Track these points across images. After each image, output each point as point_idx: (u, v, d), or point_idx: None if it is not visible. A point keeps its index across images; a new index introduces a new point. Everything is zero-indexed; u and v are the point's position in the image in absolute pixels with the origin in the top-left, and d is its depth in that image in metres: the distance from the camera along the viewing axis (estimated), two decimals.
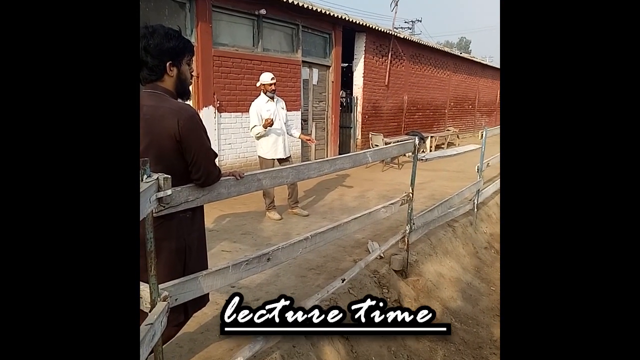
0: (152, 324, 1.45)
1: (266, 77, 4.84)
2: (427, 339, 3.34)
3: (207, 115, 5.87)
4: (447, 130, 13.58)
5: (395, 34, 10.14)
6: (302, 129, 7.68)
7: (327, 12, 7.55)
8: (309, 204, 5.79)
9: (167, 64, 1.78)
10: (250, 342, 2.19)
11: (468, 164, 7.14)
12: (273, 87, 4.84)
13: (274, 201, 5.01)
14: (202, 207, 1.90)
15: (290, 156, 5.05)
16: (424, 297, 3.72)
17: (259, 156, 4.96)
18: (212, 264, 2.03)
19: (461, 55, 14.88)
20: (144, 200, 1.43)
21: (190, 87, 1.97)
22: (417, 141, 3.52)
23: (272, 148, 4.86)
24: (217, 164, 1.85)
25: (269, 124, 4.66)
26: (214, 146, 5.92)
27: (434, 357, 3.15)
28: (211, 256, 1.98)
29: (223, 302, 2.82)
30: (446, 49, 13.78)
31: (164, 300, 1.60)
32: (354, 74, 9.50)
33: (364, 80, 9.40)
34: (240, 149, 6.50)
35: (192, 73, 1.94)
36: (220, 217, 4.93)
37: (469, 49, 62.56)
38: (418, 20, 32.80)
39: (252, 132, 4.81)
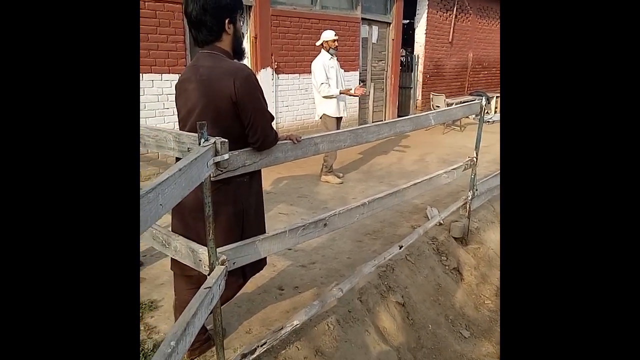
0: (210, 287, 1.47)
1: (329, 34, 4.72)
2: (487, 308, 3.24)
3: (265, 77, 5.83)
4: None
5: None
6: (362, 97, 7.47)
7: None
8: (365, 167, 5.69)
9: (226, 21, 1.72)
10: (307, 305, 2.20)
11: None
12: (336, 43, 4.74)
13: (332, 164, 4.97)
14: (259, 171, 1.87)
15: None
16: (484, 266, 3.59)
17: (324, 114, 4.80)
18: (270, 227, 2.03)
19: None
20: (201, 165, 1.41)
21: (247, 48, 1.91)
22: (483, 102, 3.29)
23: (337, 106, 4.78)
24: (275, 127, 1.81)
25: (359, 93, 4.67)
26: (272, 108, 5.91)
27: (495, 327, 3.05)
28: (268, 218, 1.98)
29: (281, 265, 2.89)
30: None
31: (222, 264, 1.62)
32: (416, 30, 9.03)
33: (426, 37, 8.92)
34: (297, 111, 6.45)
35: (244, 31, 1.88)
36: (278, 180, 4.97)
37: None
38: None
39: (322, 90, 4.65)
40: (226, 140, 1.53)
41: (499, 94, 10.86)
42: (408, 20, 9.31)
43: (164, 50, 4.71)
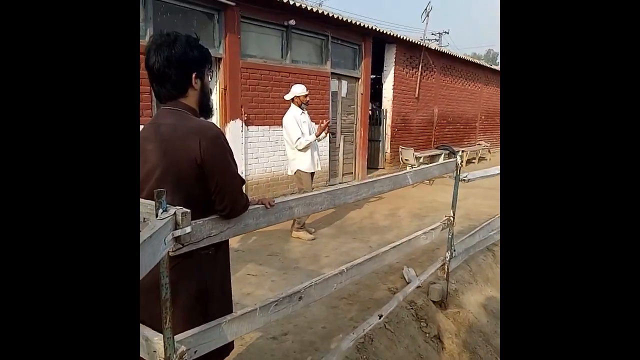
0: None
1: (300, 89, 4.63)
2: None
3: (234, 129, 5.69)
4: (479, 144, 13.14)
5: (426, 45, 9.84)
6: (329, 142, 7.43)
7: (357, 23, 7.33)
8: (338, 222, 5.51)
9: (193, 75, 1.55)
10: None
11: None
12: (307, 98, 4.65)
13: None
14: (226, 242, 1.65)
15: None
16: (465, 332, 3.38)
17: (298, 170, 4.64)
18: (237, 290, 1.78)
19: (491, 67, 14.43)
20: (157, 242, 1.19)
21: (216, 99, 1.74)
22: (459, 160, 3.22)
23: (311, 161, 4.63)
24: (244, 183, 1.60)
25: (326, 128, 4.59)
26: (241, 161, 5.74)
27: None
28: (236, 280, 1.74)
29: (249, 338, 2.59)
30: (477, 61, 13.38)
31: (181, 358, 1.35)
32: (384, 86, 9.23)
33: (393, 92, 9.11)
34: (267, 163, 6.29)
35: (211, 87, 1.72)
36: (246, 236, 4.70)
37: (497, 61, 61.56)
38: (445, 32, 32.22)
39: (299, 143, 4.51)
40: (188, 210, 1.31)
41: (464, 148, 11.11)
42: (375, 76, 9.53)
43: None
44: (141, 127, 1.71)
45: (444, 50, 11.24)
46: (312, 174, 4.70)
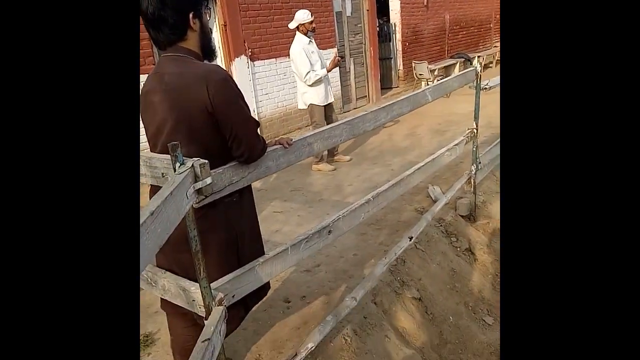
0: (209, 339, 1.23)
1: (304, 15, 4.30)
2: None
3: (240, 66, 5.50)
4: (495, 46, 12.51)
5: None
6: (339, 67, 7.16)
7: None
8: (356, 148, 5.45)
9: (190, 15, 1.44)
10: (320, 322, 1.99)
11: None
12: (313, 25, 4.34)
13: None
14: (250, 186, 1.62)
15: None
16: (496, 241, 3.40)
17: (311, 104, 4.48)
18: (265, 229, 1.77)
19: None
20: (179, 198, 1.16)
21: (217, 37, 1.63)
22: (478, 68, 3.05)
23: (324, 93, 4.45)
24: (259, 126, 1.54)
25: (337, 63, 4.33)
26: (250, 98, 5.61)
27: None
28: (263, 219, 1.74)
29: (283, 273, 2.66)
30: None
31: (220, 304, 1.38)
32: None
33: (401, 3, 8.58)
34: (278, 97, 6.14)
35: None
36: (267, 176, 4.71)
37: None
38: None
39: (308, 78, 4.29)
40: (206, 161, 1.27)
41: (479, 54, 10.60)
42: None
43: None
44: (143, 78, 1.65)
45: None
46: (327, 105, 4.56)
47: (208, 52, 1.56)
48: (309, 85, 4.37)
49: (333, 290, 2.49)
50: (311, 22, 4.31)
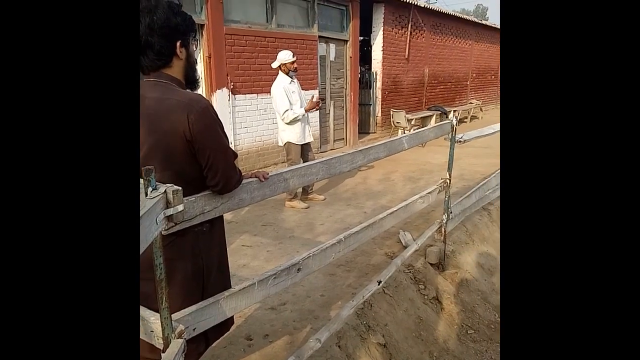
0: None
1: (286, 55, 4.44)
2: (470, 339, 3.05)
3: (221, 99, 5.55)
4: (470, 103, 13.04)
5: (416, 2, 9.56)
6: (320, 109, 7.28)
7: None
8: (330, 188, 5.48)
9: (177, 43, 1.46)
10: None
11: (494, 139, 6.76)
12: (295, 65, 4.46)
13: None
14: (221, 217, 1.60)
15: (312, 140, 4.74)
16: (463, 292, 3.42)
17: (287, 142, 4.54)
18: (233, 262, 1.74)
19: (483, 22, 14.14)
20: (149, 221, 1.13)
21: (201, 68, 1.65)
22: (454, 122, 3.16)
23: (301, 133, 4.51)
24: (236, 157, 1.54)
25: (316, 105, 4.41)
26: (229, 131, 5.62)
27: None
28: (231, 252, 1.69)
29: (247, 309, 2.58)
30: (467, 17, 13.09)
31: (180, 337, 1.33)
32: (373, 47, 9.02)
33: (383, 54, 8.92)
34: (256, 132, 6.18)
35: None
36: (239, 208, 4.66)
37: (486, 16, 60.33)
38: None
39: (285, 117, 4.36)
40: (179, 188, 1.25)
41: (455, 108, 11.01)
42: (363, 38, 9.30)
43: None
44: None
45: (434, 8, 10.95)
46: (304, 145, 4.62)
47: (191, 81, 1.57)
48: (287, 124, 4.43)
49: (297, 331, 2.43)
50: (292, 63, 4.42)
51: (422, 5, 10.06)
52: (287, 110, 4.33)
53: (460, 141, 3.26)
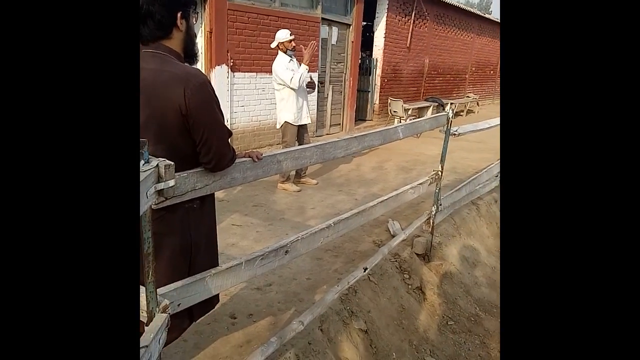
0: (146, 346, 1.18)
1: (283, 34, 4.42)
2: (450, 330, 3.11)
3: (220, 75, 5.49)
4: (467, 96, 13.02)
5: None
6: (317, 92, 7.25)
7: None
8: (323, 173, 5.48)
9: (178, 14, 1.44)
10: (263, 343, 1.95)
11: (488, 134, 6.75)
12: (293, 44, 4.44)
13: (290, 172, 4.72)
14: (212, 194, 1.60)
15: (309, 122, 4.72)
16: (447, 284, 3.47)
17: (285, 122, 4.53)
18: (222, 240, 1.73)
19: (486, 16, 14.04)
20: (139, 194, 1.13)
21: (201, 42, 1.63)
22: (450, 115, 3.16)
23: (298, 113, 4.50)
24: (231, 135, 1.53)
25: (312, 50, 4.36)
26: (226, 108, 5.58)
27: (459, 351, 2.92)
28: (221, 230, 1.70)
29: (233, 288, 2.60)
30: (471, 10, 12.99)
31: (164, 311, 1.33)
32: (375, 34, 8.94)
33: (385, 41, 8.85)
34: (253, 111, 6.14)
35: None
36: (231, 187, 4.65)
37: (490, 10, 59.81)
38: None
39: (293, 82, 4.33)
40: (172, 163, 1.24)
41: (452, 101, 11.00)
42: (366, 23, 9.21)
43: None
44: None
45: None
46: (300, 127, 4.60)
47: (190, 54, 1.55)
48: (286, 102, 4.42)
49: (281, 312, 2.45)
50: (290, 41, 4.41)
51: None
52: (293, 77, 4.32)
53: (455, 134, 3.26)
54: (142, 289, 1.34)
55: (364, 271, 2.59)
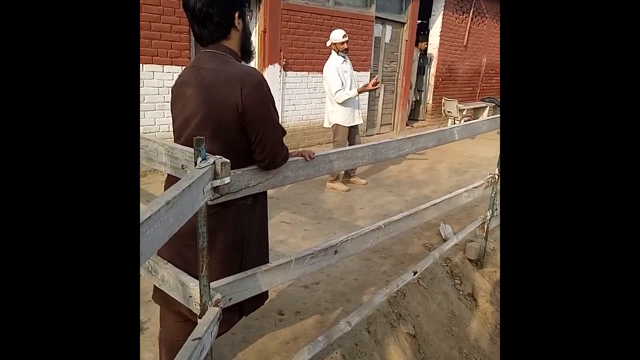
0: (199, 338, 1.21)
1: (337, 35, 4.40)
2: None
3: (272, 74, 5.56)
4: None
5: None
6: (370, 92, 7.16)
7: None
8: (373, 173, 5.43)
9: (235, 14, 1.46)
10: (310, 341, 1.95)
11: None
12: (345, 45, 4.41)
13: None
14: (265, 192, 1.61)
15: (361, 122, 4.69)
16: (500, 292, 3.33)
17: (335, 124, 4.50)
18: (270, 237, 1.74)
19: None
20: (196, 192, 1.16)
21: (254, 42, 1.65)
22: None
23: (350, 114, 4.48)
24: (285, 134, 1.54)
25: (372, 87, 4.16)
26: (278, 107, 5.64)
27: None
28: (270, 227, 1.70)
29: (282, 286, 2.62)
30: None
31: (216, 305, 1.36)
32: (430, 32, 8.74)
33: (440, 39, 8.63)
34: (304, 110, 6.18)
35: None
36: None
37: None
38: None
39: (338, 97, 4.31)
40: (228, 160, 1.27)
41: None
42: (421, 21, 9.02)
43: (167, 41, 4.44)
44: (177, 69, 1.66)
45: None
46: (352, 127, 4.58)
47: (246, 53, 1.58)
48: (339, 104, 4.39)
49: (328, 311, 2.45)
50: (342, 43, 4.37)
51: None
52: (339, 90, 4.29)
53: None
54: (196, 282, 1.38)
55: (414, 275, 2.53)
